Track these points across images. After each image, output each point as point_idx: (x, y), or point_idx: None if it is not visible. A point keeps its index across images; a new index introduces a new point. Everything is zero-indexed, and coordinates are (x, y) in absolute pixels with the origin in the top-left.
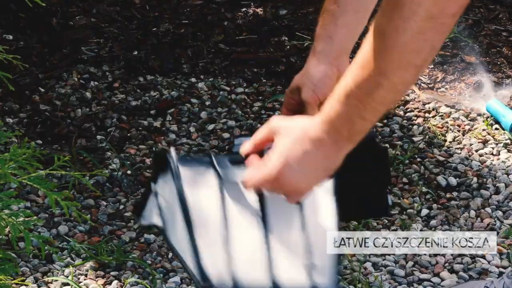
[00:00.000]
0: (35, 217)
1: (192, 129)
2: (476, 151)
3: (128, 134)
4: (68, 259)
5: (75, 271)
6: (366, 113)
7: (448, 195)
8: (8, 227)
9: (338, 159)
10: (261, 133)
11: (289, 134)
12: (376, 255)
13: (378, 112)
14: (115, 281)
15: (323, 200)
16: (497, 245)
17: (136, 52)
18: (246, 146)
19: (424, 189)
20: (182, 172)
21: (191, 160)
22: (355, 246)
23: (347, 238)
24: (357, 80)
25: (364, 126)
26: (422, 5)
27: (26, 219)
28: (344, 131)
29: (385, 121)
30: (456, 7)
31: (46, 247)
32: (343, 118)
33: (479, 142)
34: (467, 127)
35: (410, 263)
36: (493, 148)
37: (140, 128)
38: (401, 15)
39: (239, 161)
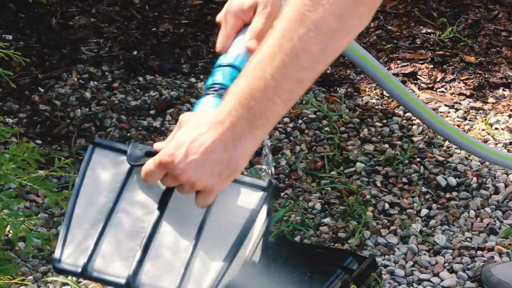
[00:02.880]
0: (35, 217)
1: None
2: None
3: (128, 134)
4: None
5: None
6: (273, 95)
7: (447, 195)
8: (8, 226)
9: (237, 152)
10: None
11: (191, 121)
12: (376, 255)
13: (279, 96)
14: None
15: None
16: (497, 245)
17: (135, 52)
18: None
19: (424, 189)
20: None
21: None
22: (355, 246)
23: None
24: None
25: (267, 113)
26: None
27: (26, 218)
28: (244, 113)
29: (385, 121)
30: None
31: (46, 247)
32: (243, 98)
33: None
34: (466, 127)
35: (410, 263)
36: None
37: (140, 128)
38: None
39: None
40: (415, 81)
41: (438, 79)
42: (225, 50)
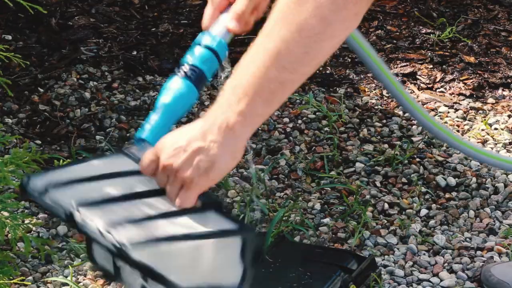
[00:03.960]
0: (34, 221)
1: None
2: None
3: (127, 134)
4: (67, 259)
5: (74, 271)
6: (254, 94)
7: (447, 195)
8: (7, 228)
9: (216, 143)
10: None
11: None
12: (375, 255)
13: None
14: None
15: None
16: (496, 245)
17: (135, 52)
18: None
19: (423, 189)
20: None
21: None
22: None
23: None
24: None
25: (245, 111)
26: None
27: (25, 220)
28: (224, 107)
29: (384, 121)
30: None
31: (45, 247)
32: (227, 92)
33: (478, 142)
34: (466, 127)
35: (409, 263)
36: (492, 148)
37: (139, 128)
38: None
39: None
40: (415, 81)
41: (437, 79)
42: (208, 28)
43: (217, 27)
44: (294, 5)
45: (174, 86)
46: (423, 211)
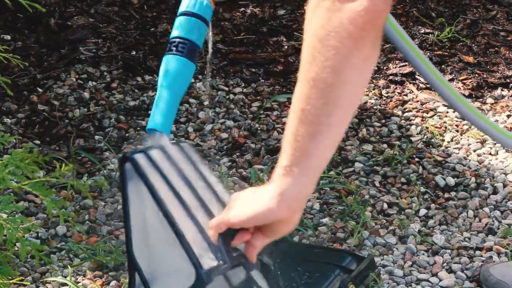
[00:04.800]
0: (34, 222)
1: (190, 129)
2: (474, 151)
3: (126, 134)
4: (67, 259)
5: (73, 271)
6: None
7: (446, 195)
8: (6, 231)
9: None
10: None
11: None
12: (374, 255)
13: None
14: (113, 282)
15: None
16: (495, 244)
17: (134, 52)
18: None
19: (422, 189)
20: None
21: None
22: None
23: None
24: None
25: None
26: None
27: (24, 225)
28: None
29: (383, 121)
30: (356, 29)
31: (44, 247)
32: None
33: (477, 142)
34: (465, 127)
35: (409, 263)
36: (491, 148)
37: (138, 128)
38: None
39: None
40: (414, 81)
41: None
42: None
43: None
44: (306, 64)
45: (170, 67)
46: (422, 211)
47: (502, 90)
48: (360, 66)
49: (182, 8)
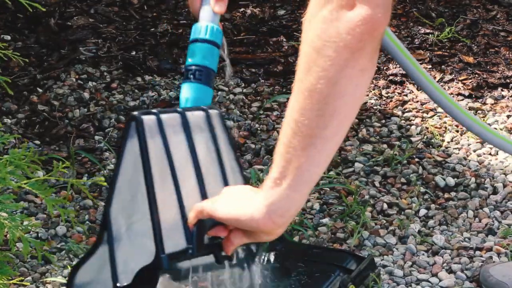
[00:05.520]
0: (34, 221)
1: None
2: (474, 151)
3: None
4: (66, 259)
5: None
6: (283, 161)
7: (446, 195)
8: (7, 229)
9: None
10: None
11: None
12: (374, 255)
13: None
14: None
15: None
16: (495, 245)
17: (134, 53)
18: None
19: (422, 189)
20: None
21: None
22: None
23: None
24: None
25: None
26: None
27: (24, 224)
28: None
29: (383, 121)
30: (353, 39)
31: (44, 247)
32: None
33: (477, 142)
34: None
35: (408, 263)
36: (491, 148)
37: None
38: (308, 42)
39: None
40: (413, 82)
41: (436, 79)
42: (196, 11)
43: (204, 14)
44: (302, 74)
45: (189, 95)
46: (422, 211)
47: (502, 90)
48: (357, 78)
49: (195, 35)
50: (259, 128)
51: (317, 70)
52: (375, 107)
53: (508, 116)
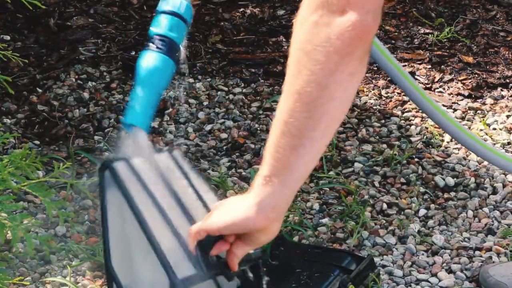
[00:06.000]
0: (33, 220)
1: (190, 130)
2: None
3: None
4: (66, 259)
5: (73, 271)
6: (273, 160)
7: (445, 195)
8: (8, 230)
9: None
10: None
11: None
12: (374, 255)
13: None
14: None
15: None
16: (495, 245)
17: (133, 53)
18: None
19: (422, 189)
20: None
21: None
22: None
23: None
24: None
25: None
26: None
27: (24, 221)
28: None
29: (383, 121)
30: (343, 44)
31: (43, 248)
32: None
33: None
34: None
35: (408, 263)
36: None
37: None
38: (297, 43)
39: None
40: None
41: (436, 79)
42: None
43: None
44: (292, 77)
45: (148, 63)
46: (422, 211)
47: (501, 90)
48: (346, 82)
49: (164, 5)
50: (258, 128)
51: (307, 74)
52: (374, 107)
53: (508, 116)
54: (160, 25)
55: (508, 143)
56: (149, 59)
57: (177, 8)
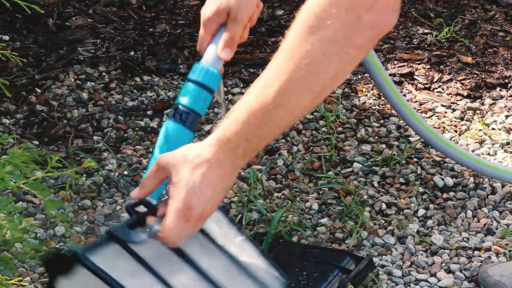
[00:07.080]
0: (32, 222)
1: None
2: (473, 151)
3: (125, 135)
4: None
5: None
6: (262, 133)
7: (444, 195)
8: (6, 229)
9: (234, 178)
10: (151, 179)
11: (185, 164)
12: (373, 255)
13: (274, 133)
14: None
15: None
16: (494, 245)
17: (132, 53)
18: (135, 194)
19: (421, 189)
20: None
21: (97, 249)
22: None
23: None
24: (259, 98)
25: (259, 146)
26: (330, 26)
27: (23, 222)
28: (240, 150)
29: (382, 121)
30: (362, 40)
31: (42, 248)
32: (240, 138)
33: (475, 142)
34: (463, 127)
35: (407, 263)
36: (489, 148)
37: (137, 129)
38: (309, 30)
39: (139, 222)
40: (412, 82)
41: (435, 80)
42: (202, 51)
43: (208, 56)
44: (300, 39)
45: (170, 135)
46: (421, 211)
47: (500, 90)
48: (353, 60)
49: (193, 74)
50: None
51: (318, 41)
52: (373, 107)
53: (507, 116)
54: (186, 96)
55: (507, 143)
56: (172, 131)
57: (204, 79)
